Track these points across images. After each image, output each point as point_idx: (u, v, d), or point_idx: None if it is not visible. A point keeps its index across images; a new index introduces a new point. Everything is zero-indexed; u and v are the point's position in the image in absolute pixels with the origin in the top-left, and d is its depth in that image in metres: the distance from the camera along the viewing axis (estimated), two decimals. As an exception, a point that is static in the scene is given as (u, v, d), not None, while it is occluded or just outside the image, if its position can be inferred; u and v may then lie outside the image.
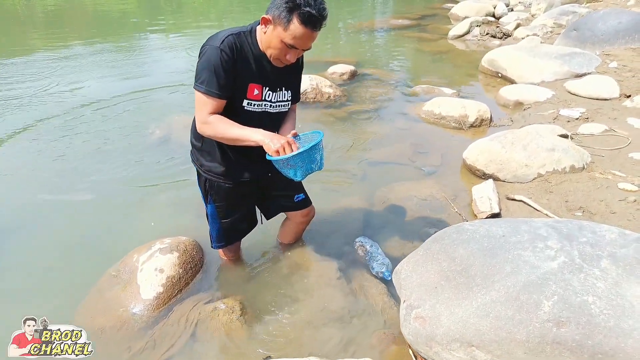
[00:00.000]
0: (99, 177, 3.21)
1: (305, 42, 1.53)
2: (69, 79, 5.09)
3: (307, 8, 1.46)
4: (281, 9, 1.49)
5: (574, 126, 3.68)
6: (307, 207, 2.21)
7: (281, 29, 1.51)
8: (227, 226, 2.07)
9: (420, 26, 7.69)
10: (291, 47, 1.54)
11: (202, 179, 1.95)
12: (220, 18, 8.47)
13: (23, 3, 9.92)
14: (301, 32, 1.49)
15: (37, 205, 2.92)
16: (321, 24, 1.51)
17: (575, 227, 1.67)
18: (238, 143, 1.63)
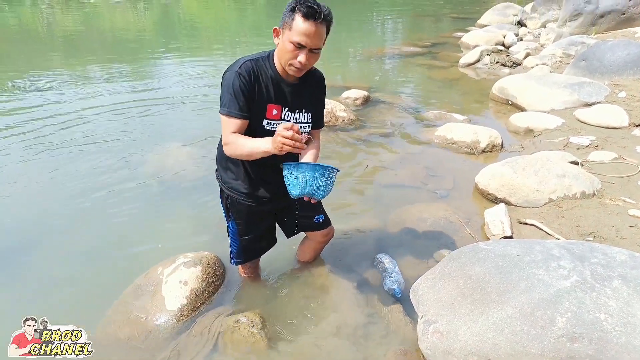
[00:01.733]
0: (125, 192, 3.33)
1: (311, 38, 1.60)
2: (84, 97, 5.28)
3: (306, 3, 1.58)
4: (285, 15, 1.63)
5: (584, 153, 3.76)
6: (327, 228, 2.30)
7: (288, 31, 1.62)
8: (246, 243, 2.16)
9: (431, 54, 7.88)
10: (300, 47, 1.62)
11: (225, 196, 2.05)
12: (233, 43, 8.73)
13: (44, 25, 10.29)
14: (304, 27, 1.58)
15: (62, 218, 3.04)
16: (321, 15, 1.59)
17: (587, 249, 1.75)
18: (253, 156, 1.68)
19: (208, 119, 4.77)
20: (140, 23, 11.13)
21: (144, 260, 2.54)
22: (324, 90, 1.98)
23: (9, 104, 5.10)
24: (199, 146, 4.06)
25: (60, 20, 10.71)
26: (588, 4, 7.87)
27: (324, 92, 1.99)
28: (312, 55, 1.65)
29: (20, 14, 11.23)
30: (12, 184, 3.42)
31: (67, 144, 4.07)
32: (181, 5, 14.02)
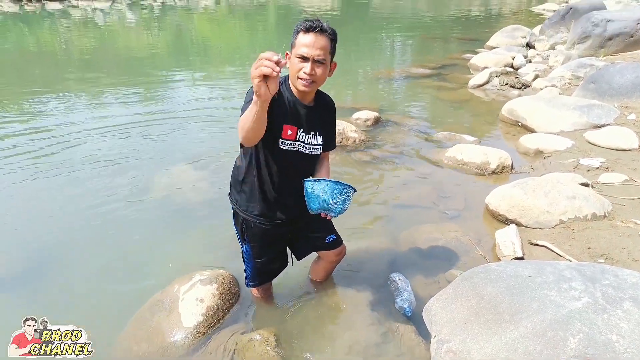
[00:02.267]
0: (139, 212, 3.41)
1: (312, 48, 1.69)
2: (96, 117, 5.43)
3: (305, 21, 1.71)
4: (292, 37, 1.76)
5: (594, 175, 3.78)
6: (339, 247, 2.35)
7: (293, 48, 1.74)
8: (260, 266, 2.21)
9: (440, 75, 7.98)
10: (304, 59, 1.71)
11: (240, 219, 2.08)
12: (244, 63, 8.92)
13: (61, 46, 10.58)
14: (305, 39, 1.70)
15: (77, 237, 3.12)
16: (321, 27, 1.70)
17: (598, 271, 1.78)
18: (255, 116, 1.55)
19: (219, 138, 4.86)
20: (154, 43, 11.42)
21: (160, 278, 2.60)
22: (334, 113, 2.08)
23: (25, 124, 5.25)
24: (211, 166, 4.14)
25: (76, 41, 11.02)
26: (596, 27, 7.96)
27: (334, 115, 2.09)
28: (317, 66, 1.73)
29: (39, 36, 11.58)
30: (27, 203, 3.52)
31: (82, 162, 4.18)
32: (194, 26, 14.37)
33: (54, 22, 13.44)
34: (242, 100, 1.80)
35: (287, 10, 18.64)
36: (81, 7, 16.13)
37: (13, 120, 5.41)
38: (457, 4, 22.93)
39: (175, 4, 18.31)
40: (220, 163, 4.16)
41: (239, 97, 6.53)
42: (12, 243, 3.05)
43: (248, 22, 15.50)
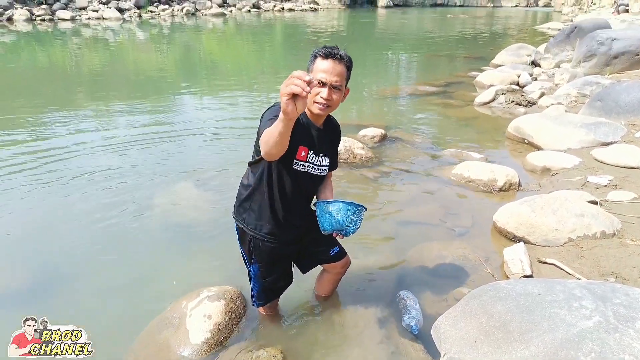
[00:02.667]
0: (145, 229, 3.43)
1: (330, 74, 1.75)
2: (105, 134, 5.50)
3: (323, 47, 1.77)
4: (309, 62, 1.82)
5: (602, 193, 3.76)
6: (343, 259, 2.36)
7: (311, 73, 1.79)
8: (267, 285, 2.21)
9: (446, 93, 8.03)
10: (321, 84, 1.76)
11: (247, 239, 2.08)
12: (252, 84, 9.03)
13: (72, 64, 10.77)
14: (323, 65, 1.76)
15: (83, 254, 3.13)
16: (338, 54, 1.77)
17: (608, 289, 1.76)
18: (280, 131, 1.53)
19: (225, 155, 4.90)
20: (163, 61, 11.60)
21: (167, 295, 2.60)
22: (339, 136, 2.17)
23: (32, 141, 5.33)
24: (218, 184, 4.17)
25: (87, 59, 11.23)
26: (601, 46, 8.01)
27: (339, 138, 2.18)
28: (334, 91, 1.79)
29: (51, 54, 11.81)
30: (31, 220, 3.55)
31: (89, 178, 4.23)
32: (202, 45, 14.60)
33: (66, 41, 13.72)
34: (250, 117, 1.84)
35: (293, 30, 18.92)
36: (92, 25, 16.47)
37: (21, 135, 5.49)
38: (463, 24, 23.18)
39: (184, 23, 18.64)
40: (227, 180, 4.19)
41: (247, 116, 6.60)
42: (18, 259, 3.07)
43: (255, 41, 15.74)
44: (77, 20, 17.20)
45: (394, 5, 31.18)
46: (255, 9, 23.70)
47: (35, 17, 16.32)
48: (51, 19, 16.67)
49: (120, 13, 18.40)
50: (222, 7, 22.26)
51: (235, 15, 21.88)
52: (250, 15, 22.35)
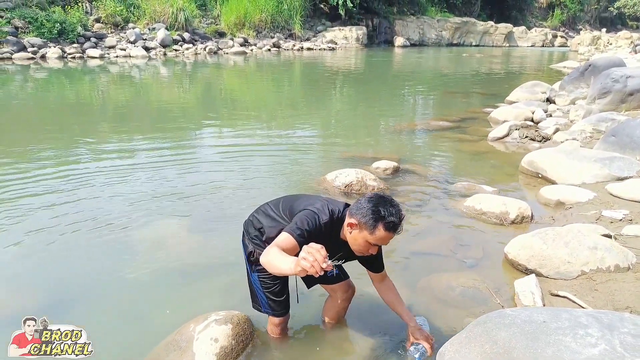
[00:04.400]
0: (157, 256, 3.50)
1: (387, 241, 1.85)
2: (125, 165, 5.67)
3: (391, 218, 1.79)
4: (367, 217, 1.81)
5: (617, 227, 3.71)
6: (343, 282, 2.40)
7: (367, 232, 1.83)
8: (270, 295, 2.27)
9: (460, 128, 8.10)
10: (374, 245, 1.87)
11: (248, 251, 2.21)
12: (270, 119, 9.25)
13: (99, 99, 11.21)
14: (385, 236, 1.82)
15: (98, 277, 3.20)
16: (402, 229, 1.84)
17: (616, 318, 1.74)
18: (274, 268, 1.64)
19: (243, 189, 5.00)
20: (185, 97, 11.99)
21: (176, 318, 2.63)
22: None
23: (52, 170, 5.52)
24: (231, 215, 4.24)
25: (113, 95, 11.68)
26: (616, 83, 8.02)
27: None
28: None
29: (79, 89, 12.33)
30: (42, 244, 3.64)
31: (99, 207, 4.35)
32: (223, 81, 15.07)
33: (94, 77, 14.33)
34: (270, 151, 1.90)
35: (312, 68, 19.43)
36: (119, 63, 17.20)
37: (40, 163, 5.70)
38: (478, 62, 23.48)
39: (207, 61, 19.34)
40: (241, 213, 4.25)
41: (268, 150, 6.75)
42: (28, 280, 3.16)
43: (274, 78, 16.19)
44: (106, 57, 18.00)
45: (411, 45, 31.81)
46: (275, 48, 24.47)
47: (67, 55, 17.14)
48: (81, 56, 17.49)
49: (146, 51, 19.19)
50: (243, 46, 23.05)
51: (255, 54, 22.63)
52: (270, 54, 23.09)
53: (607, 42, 27.96)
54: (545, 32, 39.53)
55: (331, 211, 1.96)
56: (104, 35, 19.39)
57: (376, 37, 31.43)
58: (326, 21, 29.44)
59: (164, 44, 20.26)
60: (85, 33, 18.73)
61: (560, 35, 40.67)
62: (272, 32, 25.72)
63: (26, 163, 5.65)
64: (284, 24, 26.26)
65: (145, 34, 20.58)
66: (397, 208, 1.84)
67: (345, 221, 1.93)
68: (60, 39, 17.62)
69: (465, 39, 36.06)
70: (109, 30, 20.10)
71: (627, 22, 51.30)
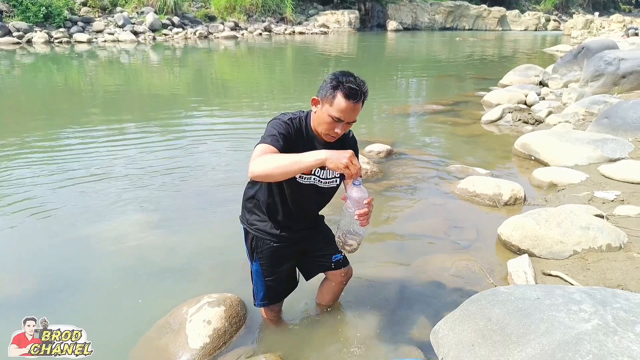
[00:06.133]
0: (150, 237, 3.47)
1: (349, 114, 1.73)
2: (116, 151, 5.59)
3: (349, 84, 1.71)
4: (327, 89, 1.75)
5: (609, 207, 3.73)
6: (345, 267, 2.35)
7: (328, 105, 1.75)
8: (270, 284, 2.21)
9: (454, 111, 8.08)
10: (338, 120, 1.75)
11: (250, 237, 2.13)
12: (262, 105, 9.16)
13: (87, 85, 11.03)
14: (345, 105, 1.71)
15: (93, 259, 3.18)
16: (362, 96, 1.73)
17: (609, 294, 1.74)
18: (294, 171, 1.59)
19: (236, 172, 4.96)
20: (175, 82, 11.84)
21: (169, 301, 2.61)
22: (354, 147, 2.07)
23: (39, 160, 5.43)
24: (226, 198, 4.21)
25: (102, 80, 11.50)
26: (609, 65, 8.02)
27: (355, 149, 2.08)
28: (347, 126, 1.80)
29: (67, 75, 12.12)
30: (35, 231, 3.60)
31: (101, 179, 4.30)
32: (214, 66, 14.89)
33: (82, 62, 14.09)
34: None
35: (304, 52, 19.25)
36: (108, 48, 16.91)
37: (26, 150, 5.62)
38: (472, 46, 23.39)
39: (197, 46, 19.08)
40: (237, 194, 4.22)
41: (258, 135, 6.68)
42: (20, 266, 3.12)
43: (266, 63, 16.02)
44: (94, 42, 17.69)
45: (404, 29, 31.59)
46: (267, 32, 24.18)
47: (54, 40, 16.82)
48: (68, 41, 17.17)
49: (135, 36, 18.88)
50: (234, 31, 22.75)
51: (246, 38, 22.36)
52: (261, 38, 22.83)
53: (600, 25, 27.94)
54: (538, 15, 39.42)
55: (292, 114, 1.88)
56: (91, 19, 19.05)
57: (369, 21, 31.19)
58: (318, 5, 29.12)
59: (153, 28, 19.94)
60: (72, 17, 18.38)
61: (553, 19, 40.59)
62: (263, 16, 25.40)
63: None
64: (275, 7, 25.94)
65: (133, 18, 20.23)
66: (358, 78, 1.75)
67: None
68: (46, 23, 17.28)
69: (459, 22, 35.88)
70: (97, 14, 19.73)
71: (619, 5, 51.31)
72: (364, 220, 1.70)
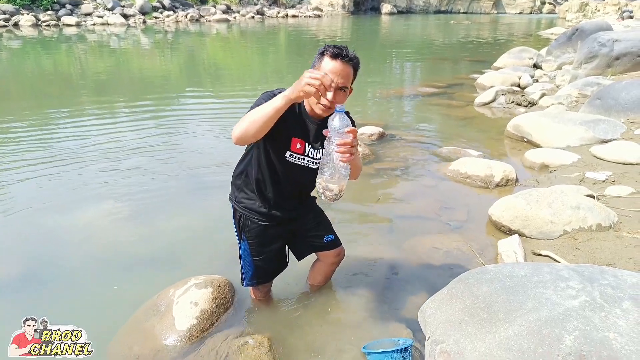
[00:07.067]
0: (140, 219, 3.43)
1: (338, 75, 1.67)
2: (107, 138, 5.52)
3: (334, 49, 1.70)
4: (315, 59, 1.76)
5: (600, 188, 3.72)
6: (337, 248, 2.32)
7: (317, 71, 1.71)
8: (258, 264, 2.19)
9: (447, 94, 8.03)
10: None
11: (237, 215, 2.10)
12: (255, 87, 9.05)
13: (77, 69, 10.86)
14: (332, 65, 1.68)
15: (78, 241, 3.14)
16: (347, 56, 1.69)
17: (596, 271, 1.73)
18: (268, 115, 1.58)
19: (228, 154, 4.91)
20: (167, 67, 11.67)
21: (157, 283, 2.58)
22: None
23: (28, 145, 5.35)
24: (215, 181, 4.16)
25: (92, 64, 11.31)
26: (603, 47, 7.97)
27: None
28: (340, 93, 1.73)
29: (56, 59, 11.92)
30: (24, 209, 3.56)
31: (90, 160, 4.24)
32: (206, 51, 14.69)
33: (71, 46, 13.84)
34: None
35: (297, 36, 19.02)
36: (97, 31, 16.61)
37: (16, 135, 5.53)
38: (466, 29, 23.22)
39: (189, 29, 18.78)
40: (227, 175, 4.18)
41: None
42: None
43: (259, 46, 15.82)
44: (82, 25, 17.37)
45: (398, 12, 31.26)
46: (259, 15, 23.85)
47: (41, 23, 16.48)
48: (57, 24, 16.84)
49: (124, 19, 18.55)
50: (226, 14, 22.41)
51: (239, 22, 22.04)
52: (254, 22, 22.51)
53: (595, 8, 27.78)
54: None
55: (282, 89, 1.74)
56: (79, 2, 18.67)
57: (362, 4, 30.84)
58: (311, -13, 28.72)
59: (143, 11, 19.58)
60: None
61: (548, 2, 40.31)
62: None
63: None
64: (268, -10, 25.57)
65: (123, 1, 19.84)
66: (345, 46, 1.73)
67: None
68: (33, 6, 16.90)
69: (453, 5, 35.56)
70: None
71: (615, -12, 50.89)
72: (345, 152, 1.55)
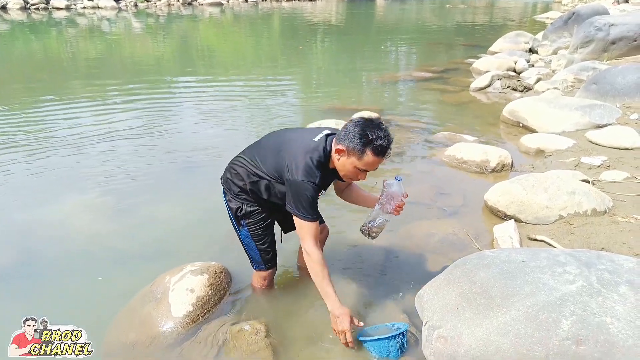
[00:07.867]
0: (132, 207, 3.40)
1: (376, 166, 1.80)
2: (99, 124, 5.45)
3: (380, 142, 1.72)
4: (355, 142, 1.74)
5: (595, 173, 3.73)
6: (321, 224, 2.34)
7: (355, 158, 1.77)
8: (262, 247, 2.21)
9: (443, 79, 7.98)
10: (363, 171, 1.81)
11: (235, 207, 2.11)
12: (249, 71, 8.95)
13: (68, 54, 10.69)
14: (374, 161, 1.76)
15: (73, 229, 3.11)
16: (390, 153, 1.78)
17: (593, 256, 1.73)
18: (320, 293, 1.94)
19: (222, 141, 4.86)
20: (159, 52, 11.51)
21: (152, 270, 2.56)
22: None
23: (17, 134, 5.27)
24: (211, 170, 4.12)
25: (83, 49, 11.13)
26: (599, 31, 7.92)
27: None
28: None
29: (46, 44, 11.71)
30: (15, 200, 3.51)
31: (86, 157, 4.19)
32: (199, 36, 14.48)
33: (61, 30, 13.59)
34: (249, 107, 1.78)
35: (291, 20, 18.79)
36: (88, 15, 16.32)
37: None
38: (462, 14, 23.03)
39: (181, 13, 18.49)
40: (221, 164, 4.14)
41: (245, 105, 6.54)
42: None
43: (253, 31, 15.61)
44: (72, 9, 17.05)
45: (393, -4, 30.96)
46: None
47: (30, 6, 16.16)
48: (46, 7, 16.53)
49: (115, 2, 18.24)
50: (219, -3, 22.10)
51: (232, 6, 21.73)
52: (247, 6, 22.21)
53: (591, -8, 27.57)
54: (529, -18, 38.76)
55: (316, 158, 1.83)
56: (69, -15, 18.30)
57: (358, -12, 30.43)
58: (306, -30, 28.27)
59: (134, -5, 19.24)
60: (49, -18, 17.64)
61: (544, -14, 39.94)
62: (249, -18, 24.64)
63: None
64: (262, -27, 25.17)
65: (114, -16, 19.46)
66: (386, 131, 1.76)
67: (333, 147, 1.84)
68: (22, -11, 16.56)
69: (449, -11, 35.16)
70: (75, -21, 18.94)
71: (611, -28, 50.52)
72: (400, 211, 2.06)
